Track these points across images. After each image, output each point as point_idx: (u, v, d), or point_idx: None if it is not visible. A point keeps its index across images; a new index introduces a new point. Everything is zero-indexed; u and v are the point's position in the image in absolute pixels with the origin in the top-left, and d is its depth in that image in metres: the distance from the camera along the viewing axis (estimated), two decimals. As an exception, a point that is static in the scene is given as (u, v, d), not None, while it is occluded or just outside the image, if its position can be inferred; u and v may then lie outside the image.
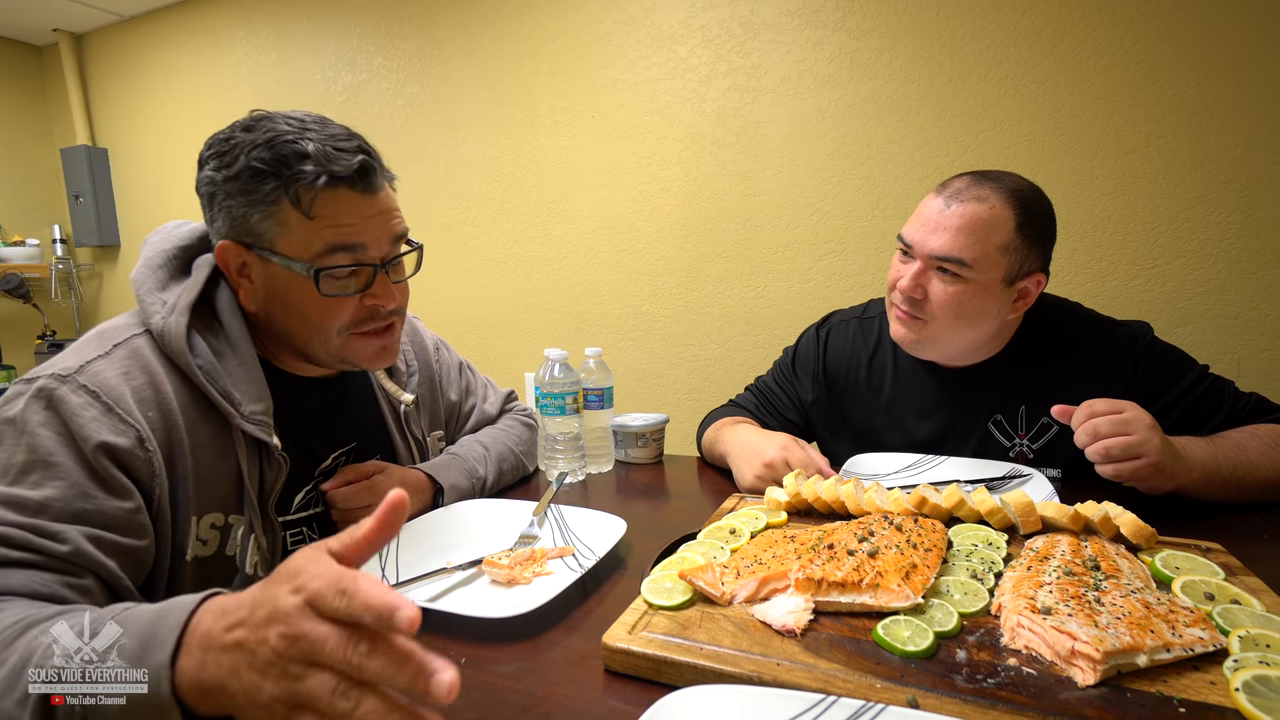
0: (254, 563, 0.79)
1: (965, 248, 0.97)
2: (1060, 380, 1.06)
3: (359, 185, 0.76)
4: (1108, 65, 1.60)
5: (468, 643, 0.64)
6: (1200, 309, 1.60)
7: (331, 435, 0.92)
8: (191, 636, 0.46)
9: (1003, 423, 1.10)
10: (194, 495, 0.73)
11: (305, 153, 0.73)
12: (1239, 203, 1.54)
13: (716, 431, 1.22)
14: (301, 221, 0.74)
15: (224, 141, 0.75)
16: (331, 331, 0.80)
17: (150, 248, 0.81)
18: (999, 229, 0.97)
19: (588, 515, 0.89)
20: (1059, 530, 0.78)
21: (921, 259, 1.02)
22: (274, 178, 0.73)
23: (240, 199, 0.74)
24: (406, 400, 1.01)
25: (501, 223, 2.41)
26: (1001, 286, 1.00)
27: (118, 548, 0.65)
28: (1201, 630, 0.54)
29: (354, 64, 2.57)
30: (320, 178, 0.73)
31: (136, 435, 0.68)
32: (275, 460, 0.80)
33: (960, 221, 0.97)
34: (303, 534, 0.87)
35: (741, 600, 0.64)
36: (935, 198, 1.03)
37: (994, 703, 0.49)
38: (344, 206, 0.75)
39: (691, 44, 2.03)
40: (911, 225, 1.05)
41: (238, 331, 0.79)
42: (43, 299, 3.28)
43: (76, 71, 3.20)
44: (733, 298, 2.09)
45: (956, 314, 1.01)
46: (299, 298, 0.77)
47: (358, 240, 0.77)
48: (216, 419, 0.76)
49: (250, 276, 0.78)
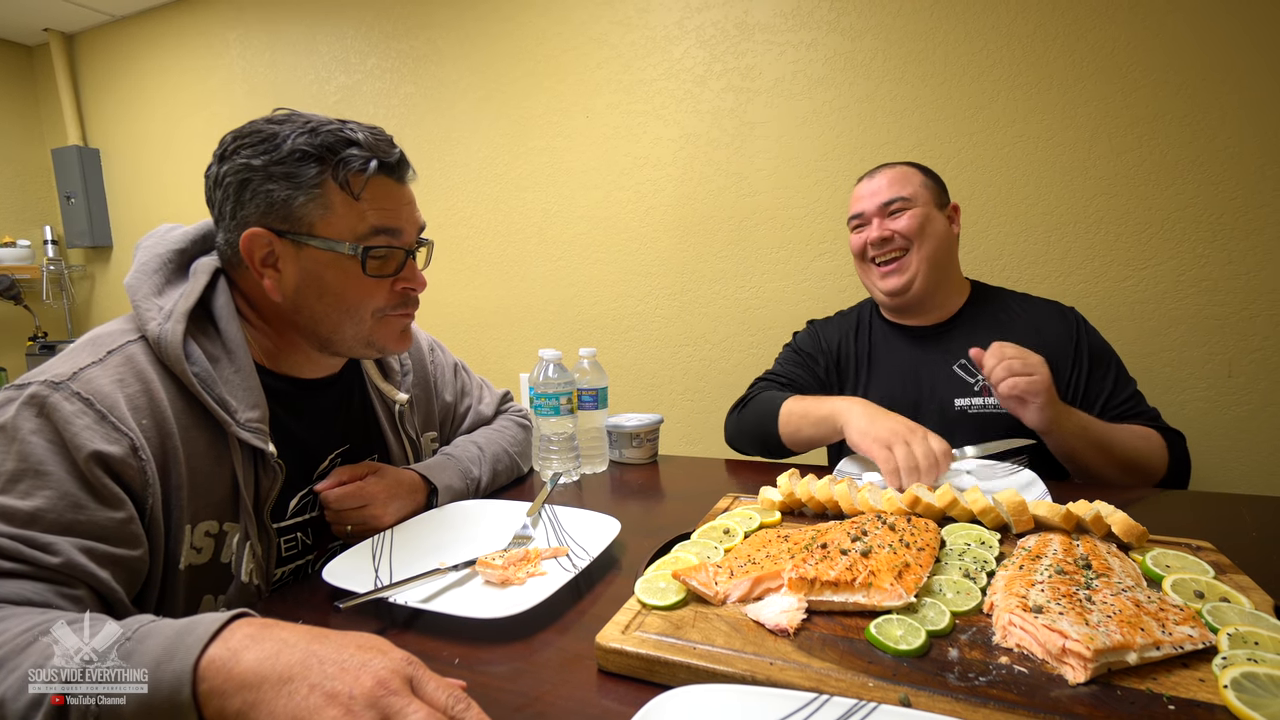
0: (249, 570, 0.78)
1: (901, 188, 1.29)
2: (1009, 335, 1.20)
3: (396, 174, 0.82)
4: (1100, 68, 1.61)
5: (461, 643, 0.63)
6: (1192, 310, 1.61)
7: (327, 438, 0.92)
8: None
9: (966, 365, 1.28)
10: (188, 503, 0.72)
11: (355, 139, 0.77)
12: (1230, 204, 1.55)
13: (797, 404, 1.24)
14: (348, 204, 0.78)
15: (257, 133, 0.77)
16: (366, 312, 0.83)
17: (144, 252, 0.81)
18: (913, 176, 1.31)
19: (582, 515, 0.89)
20: (1051, 529, 0.79)
21: (874, 216, 1.30)
22: (319, 162, 0.76)
23: (283, 183, 0.76)
24: (401, 400, 1.01)
25: (496, 223, 2.41)
26: (937, 210, 1.30)
27: (110, 558, 0.64)
28: (1191, 628, 0.55)
29: (348, 64, 2.56)
30: (371, 162, 0.78)
31: (130, 444, 0.67)
32: (271, 467, 0.79)
33: (888, 179, 1.31)
34: (296, 539, 0.87)
35: (735, 600, 0.64)
36: (861, 183, 1.35)
37: (986, 701, 0.49)
38: (386, 192, 0.81)
39: (686, 45, 2.03)
40: (855, 204, 1.34)
41: (235, 337, 0.79)
42: (34, 300, 3.26)
43: (68, 71, 3.18)
44: (727, 298, 2.09)
45: (921, 231, 1.27)
46: (338, 279, 0.80)
47: (396, 224, 0.82)
48: (212, 426, 0.75)
49: (277, 266, 0.79)
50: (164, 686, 0.47)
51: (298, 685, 0.46)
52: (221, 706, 0.47)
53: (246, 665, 0.47)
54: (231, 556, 0.77)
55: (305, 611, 0.73)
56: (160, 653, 0.48)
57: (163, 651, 0.48)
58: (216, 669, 0.47)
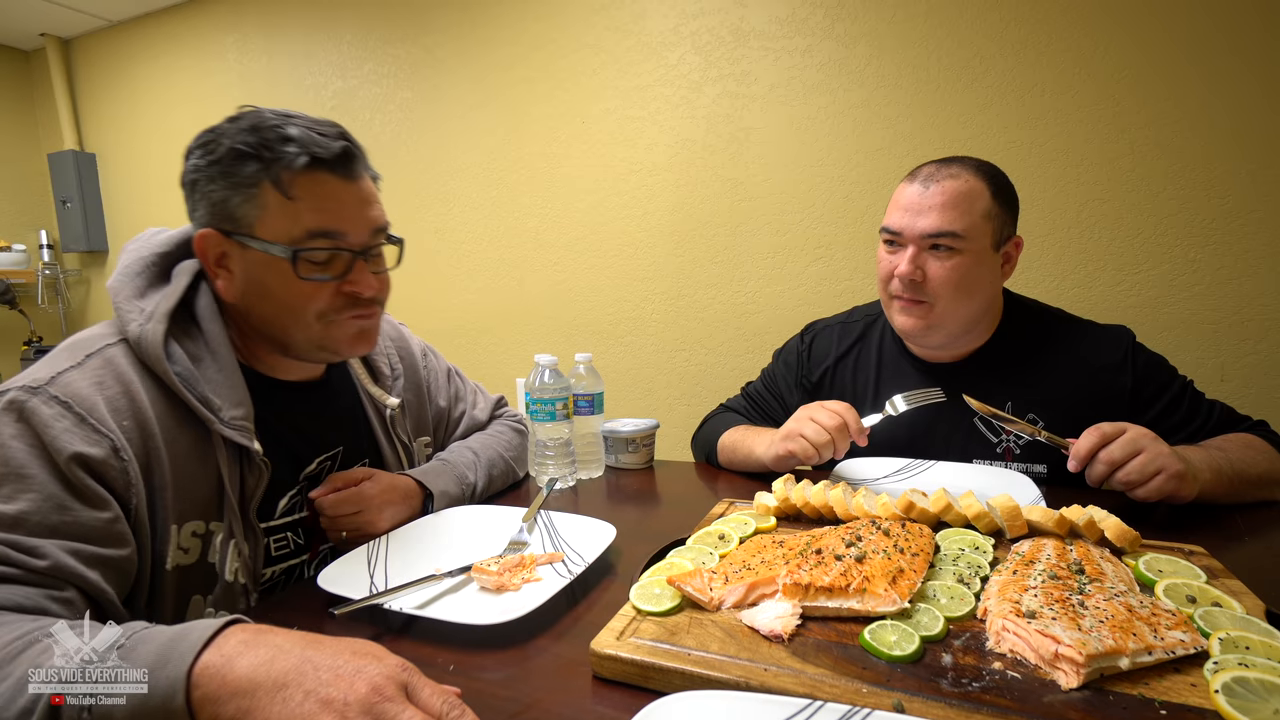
0: (234, 569, 0.78)
1: (954, 220, 1.00)
2: (1045, 371, 1.07)
3: (339, 170, 0.77)
4: (1091, 74, 1.62)
5: (456, 649, 0.63)
6: (1184, 314, 1.62)
7: (316, 439, 0.91)
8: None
9: (988, 418, 1.08)
10: (173, 503, 0.72)
11: (289, 135, 0.74)
12: (1221, 209, 1.56)
13: (728, 438, 1.23)
14: (282, 204, 0.74)
15: (210, 132, 0.77)
16: (310, 316, 0.79)
17: (128, 255, 0.81)
18: (979, 198, 1.02)
19: (577, 521, 0.89)
20: (1045, 534, 0.79)
21: (913, 242, 1.03)
22: (256, 160, 0.73)
23: (221, 182, 0.75)
24: (391, 404, 1.00)
25: (492, 228, 2.41)
26: (991, 253, 1.04)
27: (98, 559, 0.64)
28: (1183, 633, 0.55)
29: (345, 70, 2.56)
30: (301, 158, 0.74)
31: (111, 445, 0.67)
32: (256, 465, 0.79)
33: (944, 198, 1.01)
34: (286, 539, 0.87)
35: (730, 606, 0.64)
36: (910, 184, 1.06)
37: (979, 706, 0.49)
38: (325, 190, 0.76)
39: (682, 51, 2.04)
40: (895, 214, 1.06)
41: (218, 336, 0.79)
42: (29, 305, 3.25)
43: (64, 76, 3.18)
44: (723, 303, 2.10)
45: (957, 288, 1.02)
46: (277, 282, 0.77)
47: (337, 226, 0.77)
48: (195, 426, 0.75)
49: (229, 266, 0.78)
50: (158, 693, 0.47)
51: (292, 691, 0.46)
52: (216, 713, 0.46)
53: (240, 671, 0.47)
54: (216, 556, 0.77)
55: (300, 617, 0.73)
56: (154, 659, 0.48)
57: (156, 658, 0.48)
58: (210, 676, 0.47)
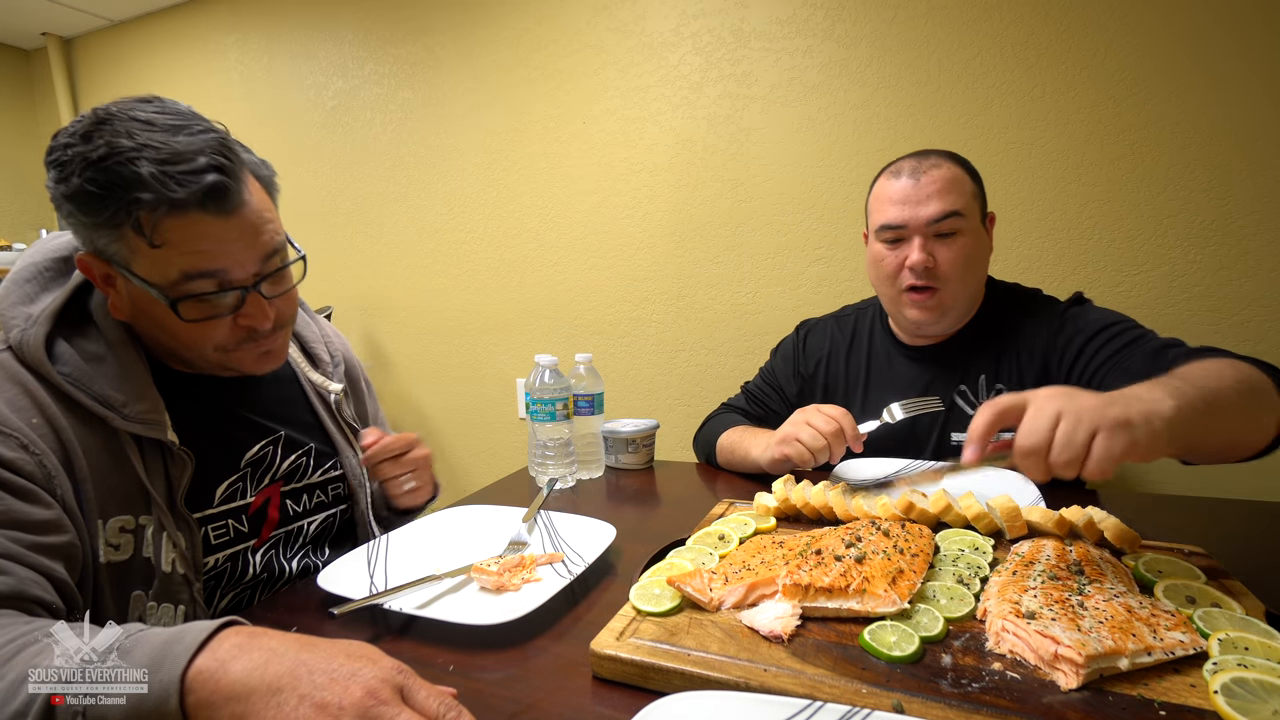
0: (171, 560, 0.76)
1: (955, 201, 1.06)
2: (1021, 343, 1.11)
3: (211, 208, 0.69)
4: (1091, 75, 1.62)
5: (456, 650, 0.63)
6: (1183, 315, 1.61)
7: (254, 425, 0.89)
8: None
9: (967, 393, 1.14)
10: (95, 497, 0.71)
11: (139, 177, 0.65)
12: (1220, 210, 1.56)
13: (726, 439, 1.25)
14: (148, 249, 0.68)
15: (62, 149, 0.67)
16: (207, 349, 0.77)
17: (20, 261, 0.79)
18: (963, 180, 1.09)
19: (577, 521, 0.89)
20: (1044, 535, 0.79)
21: (918, 232, 1.07)
22: (112, 201, 0.66)
23: (82, 218, 0.68)
24: (335, 390, 1.00)
25: (492, 228, 2.41)
26: (983, 230, 1.12)
27: (40, 546, 0.64)
28: (1182, 633, 0.55)
29: (345, 70, 2.56)
30: (160, 207, 0.66)
31: (18, 442, 0.66)
32: (179, 457, 0.77)
33: (938, 185, 1.06)
34: (226, 526, 0.84)
35: (730, 606, 0.65)
36: (896, 179, 1.10)
37: (979, 707, 0.49)
38: (196, 231, 0.69)
39: (682, 51, 2.04)
40: (891, 209, 1.09)
41: (115, 333, 0.76)
42: (29, 304, 3.25)
43: (65, 76, 3.17)
44: (723, 303, 2.10)
45: (965, 267, 1.08)
46: (165, 317, 0.73)
47: (216, 266, 0.71)
48: (99, 423, 0.73)
49: (115, 287, 0.75)
50: (151, 698, 0.47)
51: (287, 696, 0.46)
52: (211, 718, 0.46)
53: (235, 676, 0.47)
54: (150, 550, 0.75)
55: (300, 617, 0.73)
56: (147, 663, 0.48)
57: (149, 661, 0.48)
58: (204, 680, 0.47)
